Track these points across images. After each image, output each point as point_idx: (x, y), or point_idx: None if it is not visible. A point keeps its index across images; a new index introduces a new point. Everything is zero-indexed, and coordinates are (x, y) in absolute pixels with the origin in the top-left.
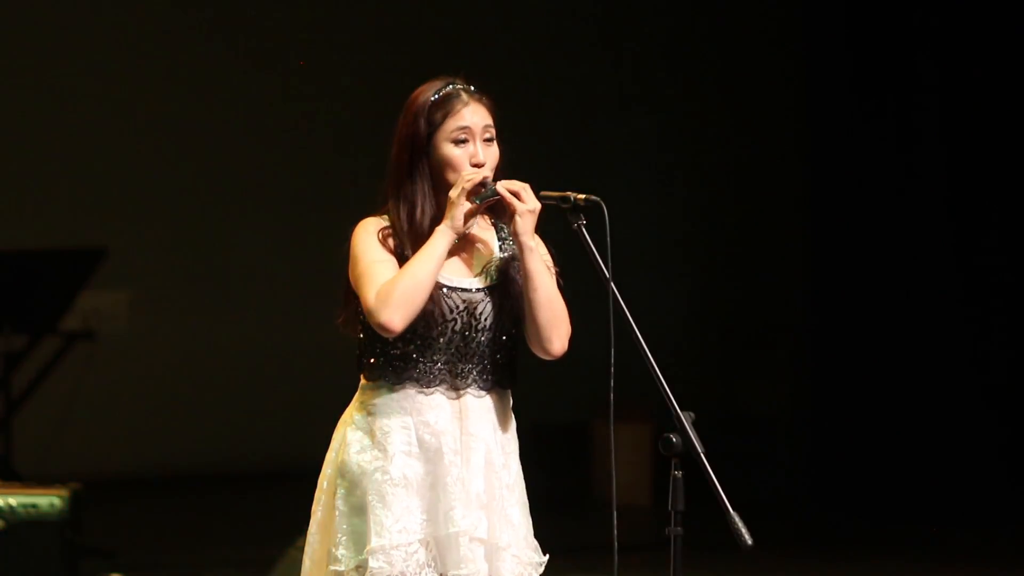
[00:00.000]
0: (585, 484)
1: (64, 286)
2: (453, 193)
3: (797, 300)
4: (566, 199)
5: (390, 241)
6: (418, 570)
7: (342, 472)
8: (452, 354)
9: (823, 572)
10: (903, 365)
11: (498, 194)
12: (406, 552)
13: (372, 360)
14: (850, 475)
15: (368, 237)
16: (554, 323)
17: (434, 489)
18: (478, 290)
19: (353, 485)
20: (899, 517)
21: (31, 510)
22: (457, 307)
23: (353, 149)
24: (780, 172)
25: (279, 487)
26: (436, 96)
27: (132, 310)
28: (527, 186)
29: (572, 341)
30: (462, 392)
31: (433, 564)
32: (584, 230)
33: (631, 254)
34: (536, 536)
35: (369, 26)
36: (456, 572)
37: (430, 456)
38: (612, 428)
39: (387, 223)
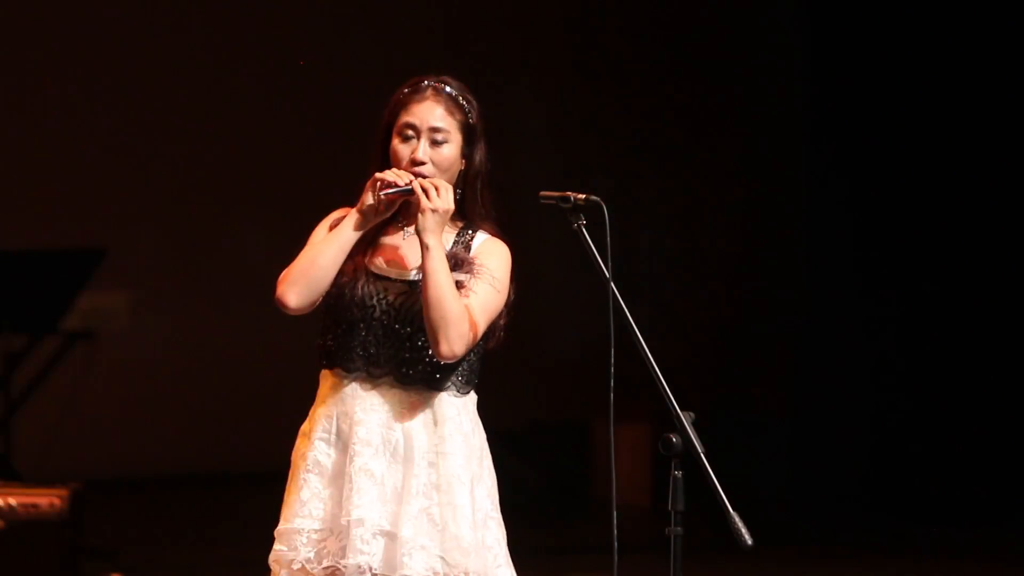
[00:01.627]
0: (585, 484)
1: (64, 286)
2: (369, 182)
3: (797, 300)
4: (566, 199)
5: None
6: (318, 559)
7: (292, 461)
8: (371, 342)
9: (823, 572)
10: (903, 365)
11: (411, 189)
12: (308, 538)
13: (319, 346)
14: (850, 475)
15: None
16: (440, 324)
17: (341, 477)
18: (405, 282)
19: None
20: (899, 517)
21: (31, 510)
22: (379, 294)
23: (354, 149)
24: (780, 172)
25: (279, 487)
26: (408, 89)
27: (132, 310)
28: (447, 187)
29: (572, 341)
30: (382, 382)
31: (337, 553)
32: (584, 230)
33: (631, 254)
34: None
35: (370, 26)
36: (347, 561)
37: (342, 445)
38: (612, 428)
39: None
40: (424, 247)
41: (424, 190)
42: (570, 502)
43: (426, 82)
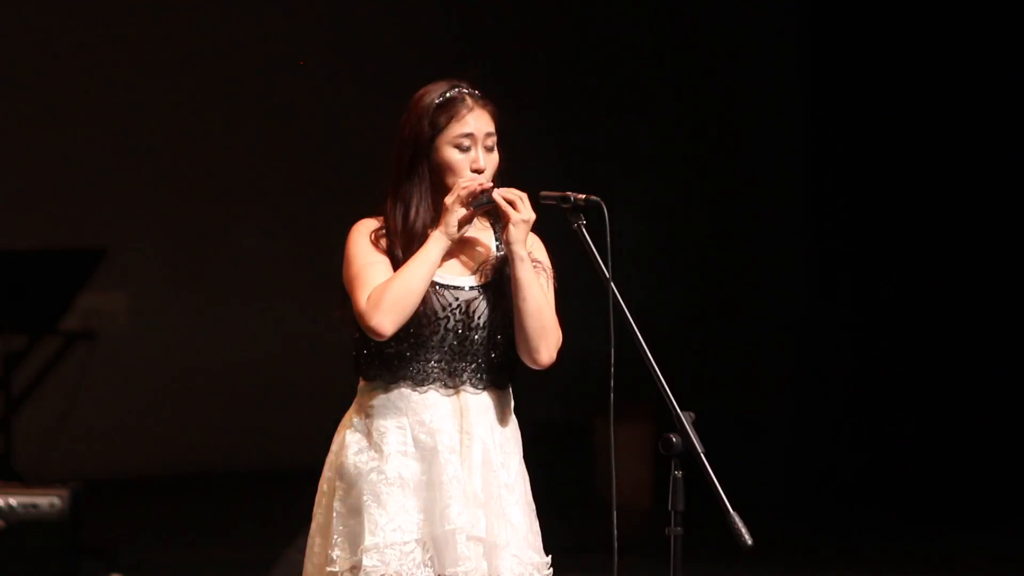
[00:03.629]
0: (585, 484)
1: (64, 286)
2: (449, 199)
3: (797, 300)
4: (566, 199)
5: (382, 242)
6: (414, 569)
7: (340, 474)
8: (446, 352)
9: (823, 572)
10: (903, 365)
11: (493, 202)
12: (401, 551)
13: (367, 360)
14: (850, 475)
15: (361, 239)
16: (542, 333)
17: (430, 488)
18: (472, 288)
19: (350, 486)
20: (899, 517)
21: (31, 510)
22: (450, 305)
23: (354, 150)
24: (780, 172)
25: (279, 487)
26: (441, 99)
27: (132, 310)
28: (524, 195)
29: (573, 341)
30: (457, 390)
31: (431, 564)
32: (584, 230)
33: (631, 254)
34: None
35: (370, 26)
36: (453, 570)
37: (426, 455)
38: (612, 428)
39: (380, 224)
40: (519, 258)
41: (510, 202)
42: (570, 502)
43: (458, 89)
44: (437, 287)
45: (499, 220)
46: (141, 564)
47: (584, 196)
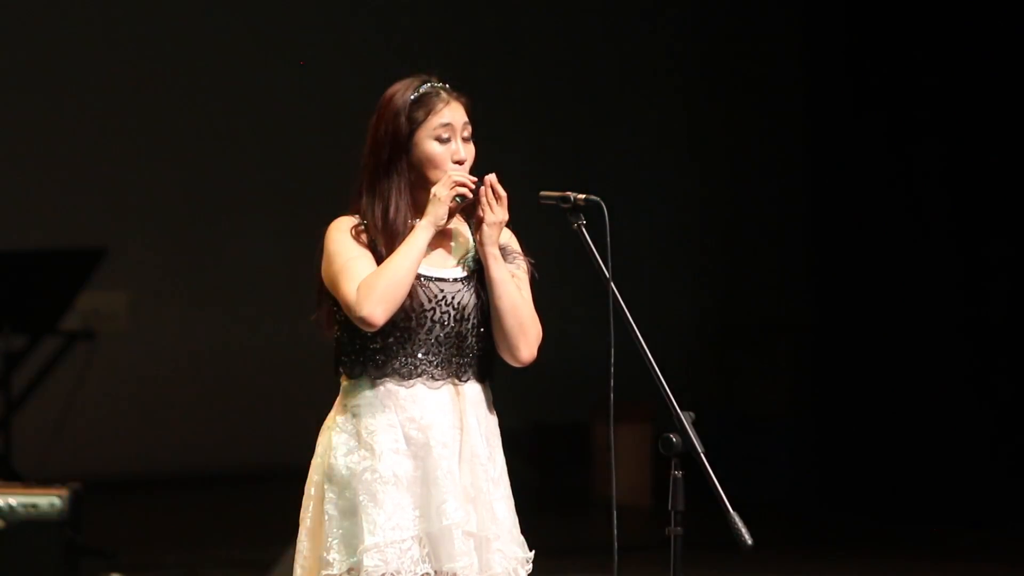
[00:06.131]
0: (585, 484)
1: (64, 286)
2: (440, 191)
3: (797, 300)
4: (566, 199)
5: (363, 236)
6: (413, 567)
7: (330, 477)
8: (433, 345)
9: (823, 572)
10: (903, 364)
11: (476, 197)
12: (400, 549)
13: (352, 357)
14: (850, 475)
15: (341, 235)
16: (520, 331)
17: (425, 484)
18: (456, 280)
19: (342, 488)
20: (899, 517)
21: (31, 510)
22: (435, 296)
23: (353, 150)
24: (781, 171)
25: (278, 487)
26: (415, 94)
27: (132, 310)
28: (504, 196)
29: (573, 341)
30: (443, 383)
31: (428, 560)
32: (584, 230)
33: (632, 254)
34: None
35: (368, 25)
36: (451, 565)
37: (418, 452)
38: (612, 428)
39: (359, 220)
40: (492, 257)
41: (489, 203)
42: (570, 502)
43: (430, 84)
44: (423, 279)
45: (471, 216)
46: (141, 564)
47: (584, 196)
